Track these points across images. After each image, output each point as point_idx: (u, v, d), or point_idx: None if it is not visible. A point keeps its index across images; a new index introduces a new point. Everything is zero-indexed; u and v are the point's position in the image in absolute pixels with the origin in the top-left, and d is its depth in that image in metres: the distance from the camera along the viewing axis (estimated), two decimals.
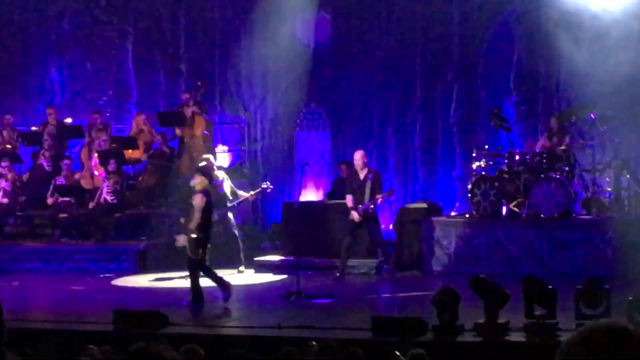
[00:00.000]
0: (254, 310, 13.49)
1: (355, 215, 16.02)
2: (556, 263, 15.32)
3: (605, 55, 17.92)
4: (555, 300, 10.69)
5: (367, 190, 16.04)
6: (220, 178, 17.16)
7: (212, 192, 14.75)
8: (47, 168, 19.96)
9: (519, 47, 19.38)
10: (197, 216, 13.55)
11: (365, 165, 16.36)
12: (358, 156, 16.42)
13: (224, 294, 13.59)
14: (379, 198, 16.19)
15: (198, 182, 14.06)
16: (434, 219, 16.91)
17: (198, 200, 13.67)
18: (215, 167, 17.26)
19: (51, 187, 19.28)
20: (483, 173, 16.82)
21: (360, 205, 16.01)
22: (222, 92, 21.71)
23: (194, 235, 13.48)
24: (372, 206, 16.06)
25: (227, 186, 17.16)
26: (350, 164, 17.33)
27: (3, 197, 19.21)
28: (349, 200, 16.28)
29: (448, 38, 20.05)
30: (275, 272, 16.79)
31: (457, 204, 18.57)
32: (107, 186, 18.75)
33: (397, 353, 7.84)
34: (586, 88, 17.87)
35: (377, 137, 20.62)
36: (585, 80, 18.03)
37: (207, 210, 13.68)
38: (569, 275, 13.89)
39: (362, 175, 16.22)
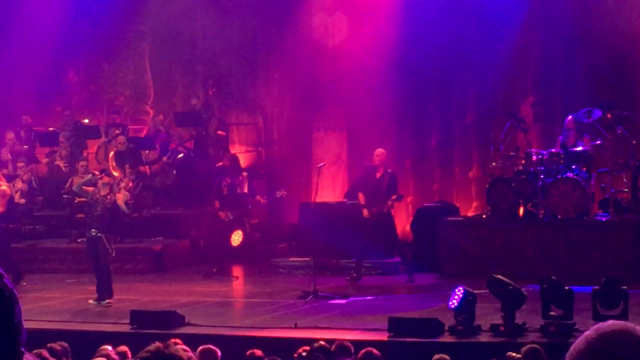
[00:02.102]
0: (270, 310, 13.50)
1: (366, 212, 16.01)
2: (573, 264, 15.26)
3: None
4: (572, 301, 10.67)
5: (383, 191, 16.02)
6: (241, 178, 17.19)
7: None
8: (63, 169, 20.00)
9: (536, 47, 19.29)
10: (107, 215, 13.97)
11: (382, 164, 16.35)
12: (379, 152, 16.42)
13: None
14: (390, 203, 16.07)
15: (106, 181, 14.40)
16: (451, 219, 16.89)
17: (120, 201, 14.06)
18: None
19: (67, 187, 19.31)
20: (500, 174, 16.78)
21: (375, 207, 15.97)
22: (238, 92, 21.69)
23: (100, 234, 13.92)
24: (385, 210, 16.04)
25: (245, 187, 17.17)
26: None
27: (20, 197, 19.25)
28: (360, 198, 16.27)
29: (465, 37, 19.96)
30: (292, 273, 16.79)
31: (474, 205, 18.53)
32: (124, 187, 18.74)
33: None
34: (603, 88, 17.82)
35: (393, 138, 20.54)
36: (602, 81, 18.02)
37: (116, 210, 14.23)
38: (586, 276, 13.86)
39: (378, 175, 16.23)
